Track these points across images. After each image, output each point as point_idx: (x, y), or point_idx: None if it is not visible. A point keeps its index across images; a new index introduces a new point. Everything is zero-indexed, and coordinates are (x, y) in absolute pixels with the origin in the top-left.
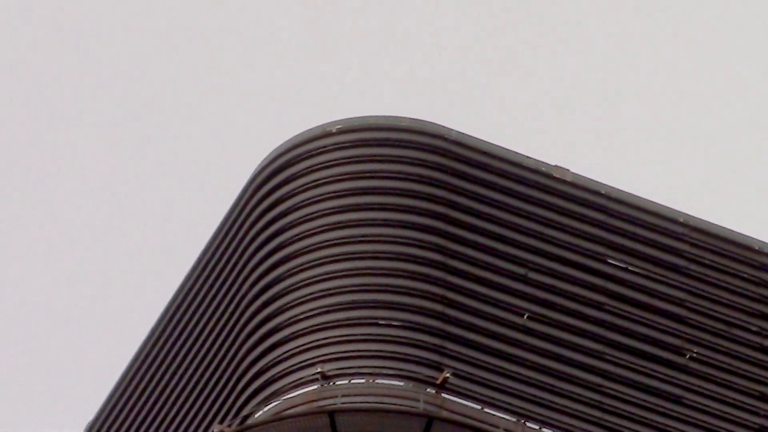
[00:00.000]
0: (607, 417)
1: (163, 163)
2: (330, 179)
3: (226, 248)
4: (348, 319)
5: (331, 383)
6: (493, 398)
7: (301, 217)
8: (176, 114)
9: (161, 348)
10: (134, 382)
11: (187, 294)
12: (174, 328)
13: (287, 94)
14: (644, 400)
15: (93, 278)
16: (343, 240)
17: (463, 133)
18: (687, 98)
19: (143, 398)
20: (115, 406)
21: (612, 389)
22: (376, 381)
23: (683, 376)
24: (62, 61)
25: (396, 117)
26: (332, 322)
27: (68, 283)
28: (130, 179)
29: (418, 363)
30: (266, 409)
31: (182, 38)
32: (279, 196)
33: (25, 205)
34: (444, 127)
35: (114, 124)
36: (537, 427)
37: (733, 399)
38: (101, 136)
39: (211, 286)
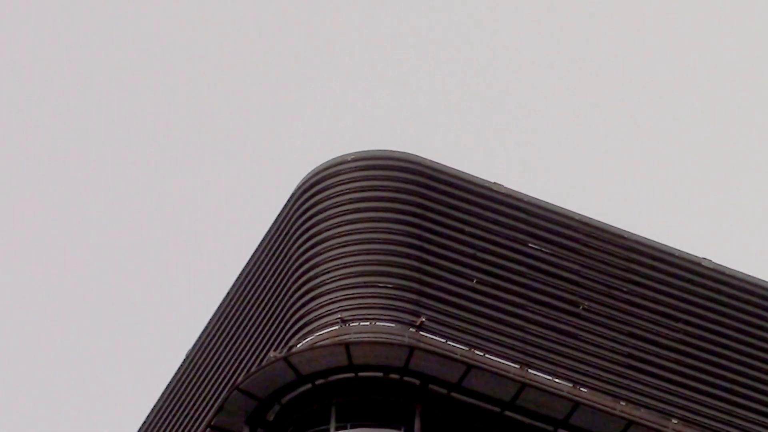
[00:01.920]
0: (528, 347)
1: (233, 180)
2: (346, 192)
3: (278, 239)
4: (358, 283)
5: (347, 325)
6: (453, 335)
7: (327, 217)
8: (238, 143)
9: (237, 302)
10: (219, 323)
11: (253, 267)
12: (244, 290)
13: (307, 132)
14: (552, 337)
15: (194, 258)
16: (355, 232)
17: (434, 161)
18: (599, 127)
19: (225, 334)
20: (205, 341)
21: (531, 329)
22: (377, 324)
23: (577, 321)
24: (110, 82)
25: (390, 150)
26: (348, 284)
27: (179, 265)
28: (214, 191)
29: (403, 312)
30: (304, 342)
31: (237, 81)
32: (313, 203)
33: (107, 210)
34: (421, 156)
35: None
36: (482, 354)
37: (610, 335)
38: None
39: (270, 261)
